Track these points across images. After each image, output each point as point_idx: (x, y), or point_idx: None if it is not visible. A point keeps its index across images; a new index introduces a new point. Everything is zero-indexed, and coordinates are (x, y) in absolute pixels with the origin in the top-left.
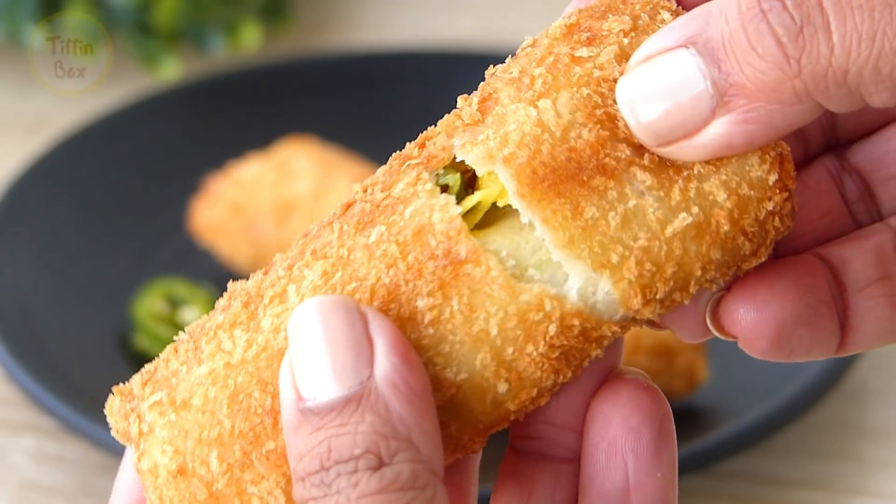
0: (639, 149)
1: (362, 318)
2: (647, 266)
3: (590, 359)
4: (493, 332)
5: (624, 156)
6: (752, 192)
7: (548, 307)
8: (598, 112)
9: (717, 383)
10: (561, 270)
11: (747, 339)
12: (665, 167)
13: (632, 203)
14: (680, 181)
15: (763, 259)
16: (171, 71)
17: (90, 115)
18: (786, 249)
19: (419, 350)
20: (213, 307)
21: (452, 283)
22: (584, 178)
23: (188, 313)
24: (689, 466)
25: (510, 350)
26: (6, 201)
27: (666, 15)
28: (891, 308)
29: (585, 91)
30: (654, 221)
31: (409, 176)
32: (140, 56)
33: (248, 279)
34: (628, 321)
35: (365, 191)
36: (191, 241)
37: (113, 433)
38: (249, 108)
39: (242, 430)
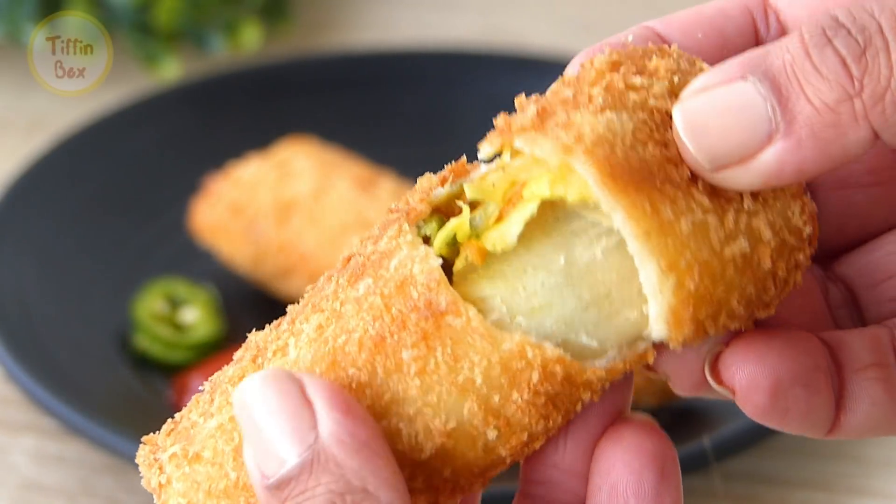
0: (693, 176)
1: (297, 384)
2: (706, 281)
3: (582, 403)
4: (479, 380)
5: (685, 176)
6: (791, 239)
7: (529, 355)
8: (655, 135)
9: None
10: (550, 316)
11: (744, 391)
12: (717, 197)
13: (698, 216)
14: (731, 211)
15: (772, 313)
16: (171, 71)
17: (90, 115)
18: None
19: (407, 401)
20: (212, 307)
21: (435, 334)
22: (657, 183)
23: (188, 313)
24: (690, 466)
25: (496, 398)
26: (6, 201)
27: (704, 65)
28: (887, 393)
29: (641, 115)
30: (716, 240)
31: (392, 229)
32: (140, 56)
33: (263, 329)
34: (616, 364)
35: (362, 243)
36: (191, 241)
37: (143, 483)
38: (249, 108)
39: (246, 482)
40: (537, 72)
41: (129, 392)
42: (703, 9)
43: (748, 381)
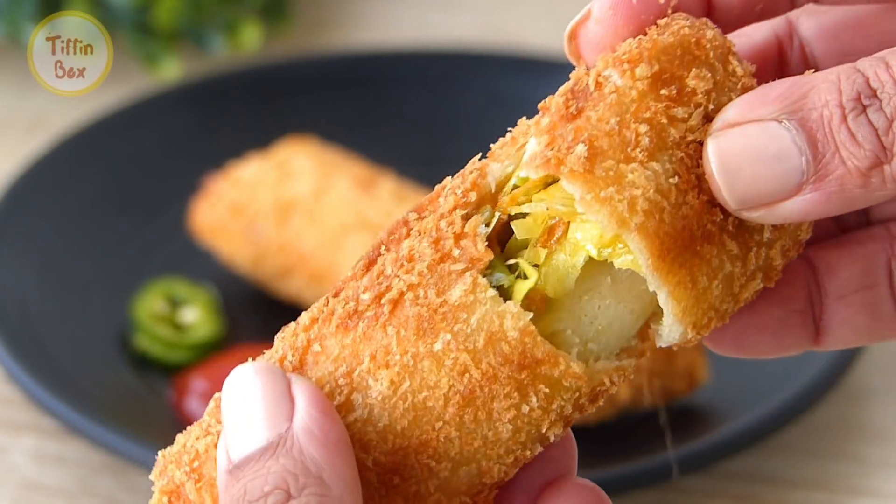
0: (724, 211)
1: (285, 380)
2: (721, 322)
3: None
4: (569, 411)
5: (718, 220)
6: (793, 252)
7: (615, 378)
8: (692, 177)
9: (717, 383)
10: (612, 334)
11: (712, 341)
12: (743, 232)
13: (727, 270)
14: (754, 248)
15: None
16: (171, 71)
17: (90, 115)
18: None
19: (498, 443)
20: (212, 307)
21: (530, 383)
22: (697, 248)
23: (188, 313)
24: (689, 466)
25: (577, 415)
26: (6, 201)
27: (735, 64)
28: (868, 316)
29: (679, 154)
30: (737, 288)
31: (463, 283)
32: (140, 56)
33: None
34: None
35: (413, 290)
36: (191, 241)
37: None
38: (249, 108)
39: None
40: (537, 72)
41: (129, 392)
42: None
43: (715, 333)
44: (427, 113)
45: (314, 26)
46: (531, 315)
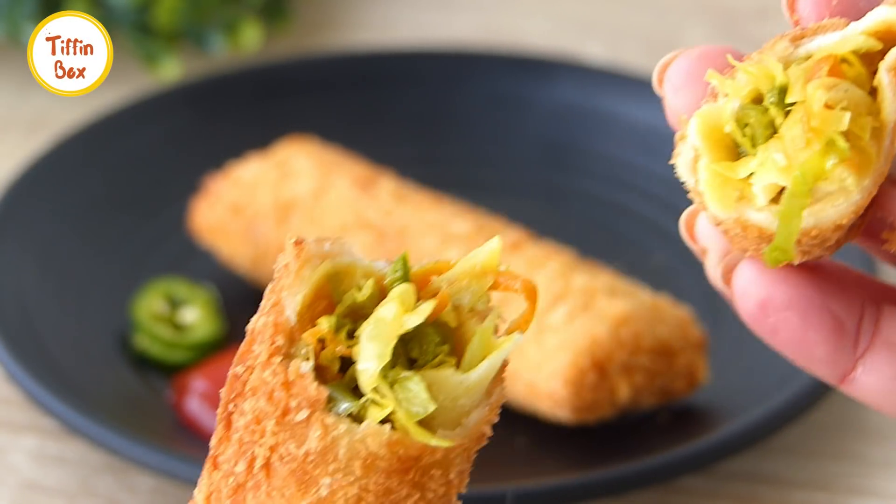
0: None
1: None
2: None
3: None
4: (467, 465)
5: None
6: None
7: (494, 418)
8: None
9: (717, 383)
10: (481, 386)
11: (738, 294)
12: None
13: None
14: None
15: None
16: (171, 71)
17: (90, 115)
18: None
19: None
20: (212, 307)
21: (421, 476)
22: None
23: (188, 313)
24: (689, 466)
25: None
26: (6, 201)
27: None
28: None
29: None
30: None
31: (314, 429)
32: (140, 56)
33: None
34: None
35: (275, 451)
36: (191, 241)
37: None
38: (249, 108)
39: None
40: (537, 72)
41: (129, 392)
42: None
43: (742, 286)
44: (427, 113)
45: (314, 26)
46: (388, 426)
